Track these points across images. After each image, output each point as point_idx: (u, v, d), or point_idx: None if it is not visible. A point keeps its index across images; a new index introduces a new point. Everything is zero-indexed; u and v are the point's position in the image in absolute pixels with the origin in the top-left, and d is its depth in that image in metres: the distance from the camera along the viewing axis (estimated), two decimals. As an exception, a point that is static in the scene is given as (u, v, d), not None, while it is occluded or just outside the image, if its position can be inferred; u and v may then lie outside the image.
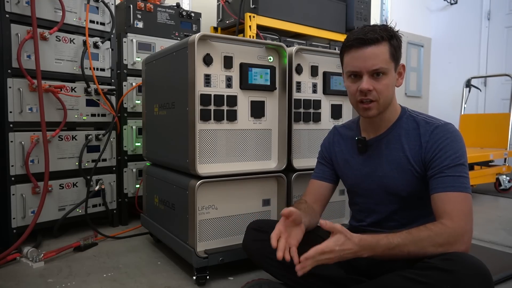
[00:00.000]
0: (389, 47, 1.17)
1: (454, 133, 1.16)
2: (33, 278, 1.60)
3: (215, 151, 1.57)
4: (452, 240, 1.05)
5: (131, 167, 2.36)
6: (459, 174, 1.11)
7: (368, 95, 1.17)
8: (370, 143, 1.29)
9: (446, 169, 1.11)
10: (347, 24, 3.12)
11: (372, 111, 1.19)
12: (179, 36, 2.54)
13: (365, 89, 1.16)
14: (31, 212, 1.94)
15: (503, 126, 3.62)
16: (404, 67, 1.24)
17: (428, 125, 1.19)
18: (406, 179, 1.20)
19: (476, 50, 5.02)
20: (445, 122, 1.19)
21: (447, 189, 1.10)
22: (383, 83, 1.17)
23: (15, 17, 1.87)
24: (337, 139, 1.43)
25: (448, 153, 1.12)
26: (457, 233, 1.06)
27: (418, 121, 1.22)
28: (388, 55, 1.16)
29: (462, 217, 1.07)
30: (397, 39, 1.19)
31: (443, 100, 5.25)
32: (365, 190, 1.32)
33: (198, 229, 1.53)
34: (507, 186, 3.49)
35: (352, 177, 1.35)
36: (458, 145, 1.14)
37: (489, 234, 2.26)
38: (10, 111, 1.87)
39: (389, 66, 1.17)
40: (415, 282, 0.99)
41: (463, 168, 1.12)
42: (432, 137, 1.16)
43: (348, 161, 1.36)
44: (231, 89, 1.59)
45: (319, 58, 1.84)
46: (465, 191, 1.10)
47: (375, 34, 1.15)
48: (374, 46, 1.15)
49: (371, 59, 1.15)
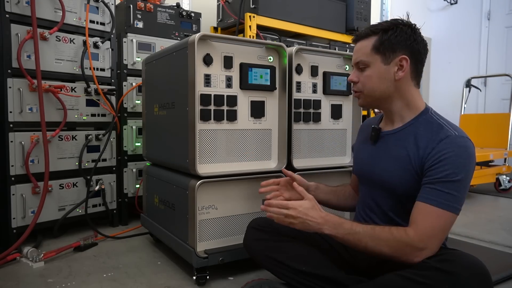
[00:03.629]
0: (375, 41, 1.20)
1: (462, 148, 1.10)
2: (33, 278, 1.60)
3: (215, 151, 1.57)
4: (408, 250, 1.06)
5: (131, 167, 2.36)
6: (448, 191, 1.07)
7: (353, 86, 1.29)
8: (383, 134, 1.30)
9: (438, 182, 1.08)
10: (347, 24, 3.12)
11: (360, 100, 1.29)
12: (179, 36, 2.54)
13: (349, 80, 1.29)
14: (31, 212, 1.94)
15: (503, 126, 3.62)
16: (406, 59, 1.20)
17: (442, 131, 1.14)
18: (404, 178, 1.19)
19: (476, 50, 5.02)
20: (460, 134, 1.12)
21: (428, 201, 1.08)
22: (365, 75, 1.24)
23: (15, 17, 1.87)
24: (365, 128, 1.46)
25: (446, 166, 1.08)
26: (415, 246, 1.06)
27: (434, 126, 1.17)
28: (370, 48, 1.21)
29: (428, 232, 1.06)
30: (394, 30, 1.19)
31: (443, 100, 5.25)
32: (366, 178, 1.34)
33: (198, 229, 1.53)
34: (507, 186, 3.49)
35: (359, 162, 1.40)
36: (461, 161, 1.08)
37: (489, 234, 2.26)
38: (10, 111, 1.87)
39: (370, 59, 1.21)
40: (415, 282, 0.99)
41: (456, 186, 1.07)
42: (438, 146, 1.11)
43: (361, 148, 1.41)
44: (231, 89, 1.59)
45: (319, 58, 1.84)
46: (446, 209, 1.06)
47: (371, 28, 1.23)
48: (362, 40, 1.24)
49: (356, 52, 1.26)
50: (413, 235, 1.07)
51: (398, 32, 1.19)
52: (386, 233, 1.10)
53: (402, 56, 1.20)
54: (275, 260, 1.29)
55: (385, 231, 1.10)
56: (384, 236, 1.09)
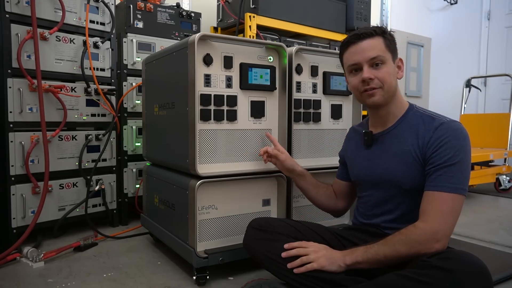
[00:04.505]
0: (383, 40, 1.24)
1: (458, 130, 1.17)
2: (33, 278, 1.60)
3: (215, 151, 1.57)
4: (423, 241, 1.09)
5: (131, 167, 2.36)
6: (452, 175, 1.12)
7: (370, 83, 1.24)
8: (376, 137, 1.33)
9: (441, 168, 1.14)
10: (347, 24, 3.13)
11: (377, 97, 1.25)
12: (179, 36, 2.54)
13: (366, 77, 1.23)
14: (31, 212, 1.94)
15: (503, 126, 3.62)
16: (402, 61, 1.31)
17: (434, 121, 1.21)
18: (409, 172, 1.22)
19: (476, 50, 5.02)
20: (451, 120, 1.21)
21: (436, 188, 1.13)
22: (383, 71, 1.23)
23: (15, 17, 1.87)
24: (352, 136, 1.50)
25: (446, 151, 1.14)
26: (427, 234, 1.09)
27: (424, 117, 1.25)
28: (384, 46, 1.24)
29: (437, 217, 1.10)
30: (390, 35, 1.27)
31: (443, 100, 5.25)
32: (369, 183, 1.36)
33: (198, 229, 1.53)
34: (507, 186, 3.49)
35: (357, 169, 1.41)
36: (459, 143, 1.15)
37: (489, 234, 2.26)
38: (10, 111, 1.87)
39: (387, 56, 1.24)
40: (415, 281, 0.99)
41: (458, 168, 1.13)
42: (435, 133, 1.18)
43: (356, 155, 1.42)
44: (231, 89, 1.59)
45: (319, 58, 1.84)
46: (454, 192, 1.11)
47: (369, 30, 1.25)
48: (369, 39, 1.24)
49: (368, 50, 1.23)
50: (423, 226, 1.11)
51: (393, 37, 1.29)
52: (397, 235, 1.14)
53: (399, 57, 1.30)
54: (275, 260, 1.29)
55: (395, 234, 1.15)
56: (397, 238, 1.13)
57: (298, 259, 1.23)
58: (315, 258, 1.21)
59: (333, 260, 1.19)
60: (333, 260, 1.19)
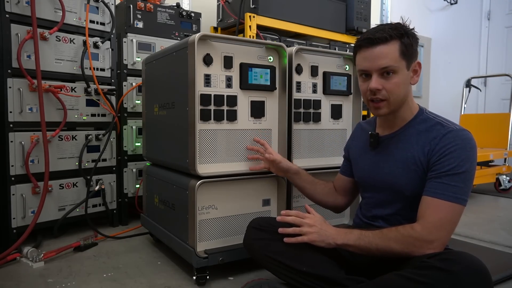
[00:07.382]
0: (399, 45, 1.16)
1: (466, 140, 1.13)
2: (33, 278, 1.60)
3: (215, 151, 1.57)
4: (418, 244, 1.09)
5: (131, 167, 2.36)
6: (455, 184, 1.10)
7: (377, 94, 1.18)
8: (382, 139, 1.31)
9: (444, 175, 1.11)
10: (347, 24, 3.12)
11: (383, 110, 1.21)
12: (179, 36, 2.54)
13: (373, 88, 1.17)
14: (31, 212, 1.94)
15: (503, 126, 3.62)
16: (420, 65, 1.22)
17: (443, 128, 1.17)
18: (411, 179, 1.21)
19: (476, 50, 5.02)
20: (460, 128, 1.16)
21: (436, 195, 1.11)
22: (393, 82, 1.17)
23: (15, 17, 1.87)
24: (359, 134, 1.47)
25: (451, 160, 1.11)
26: (423, 239, 1.09)
27: (433, 123, 1.21)
28: (398, 54, 1.15)
29: (436, 225, 1.09)
30: (410, 36, 1.18)
31: (443, 100, 5.25)
32: (371, 185, 1.35)
33: (198, 229, 1.53)
34: (507, 186, 3.49)
35: (361, 170, 1.40)
36: (465, 153, 1.12)
37: (489, 234, 2.26)
38: (10, 111, 1.87)
39: (399, 64, 1.16)
40: (415, 281, 0.99)
41: (462, 178, 1.10)
42: (442, 140, 1.14)
43: (360, 155, 1.41)
44: (231, 89, 1.59)
45: (319, 58, 1.84)
46: (454, 201, 1.10)
47: (384, 33, 1.15)
48: (382, 45, 1.15)
49: (380, 58, 1.15)
50: (420, 229, 1.09)
51: (414, 37, 1.19)
52: (393, 231, 1.13)
53: (417, 61, 1.22)
54: (275, 260, 1.29)
55: (392, 230, 1.14)
56: (392, 234, 1.12)
57: (291, 228, 1.24)
58: (307, 231, 1.22)
59: (324, 238, 1.20)
60: (324, 238, 1.20)
